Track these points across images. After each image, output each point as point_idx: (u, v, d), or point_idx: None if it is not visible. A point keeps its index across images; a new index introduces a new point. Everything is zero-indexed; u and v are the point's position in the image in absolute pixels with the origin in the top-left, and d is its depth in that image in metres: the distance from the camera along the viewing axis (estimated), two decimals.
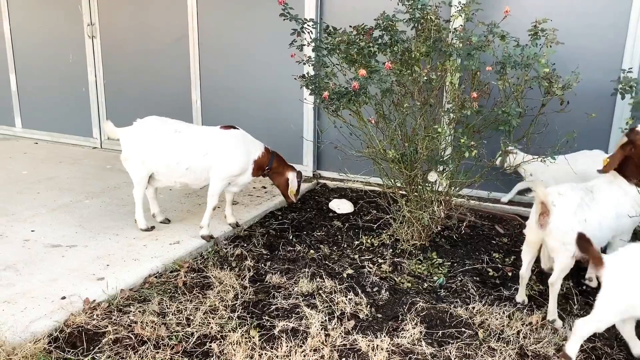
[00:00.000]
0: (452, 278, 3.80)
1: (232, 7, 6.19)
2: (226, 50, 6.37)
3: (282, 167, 4.56)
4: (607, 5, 4.68)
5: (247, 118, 6.30)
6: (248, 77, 6.31)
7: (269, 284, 3.63)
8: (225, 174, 4.24)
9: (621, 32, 4.65)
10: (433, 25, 4.01)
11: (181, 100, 6.72)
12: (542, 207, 3.15)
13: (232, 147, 4.27)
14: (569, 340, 2.76)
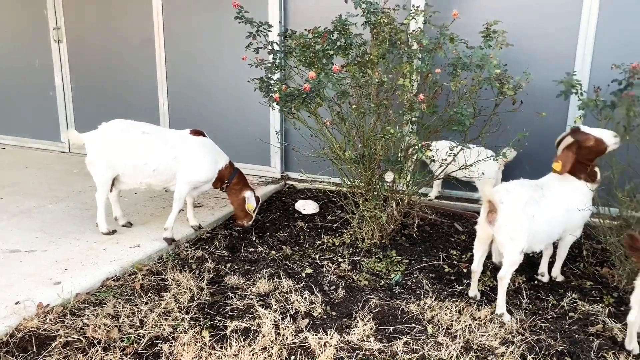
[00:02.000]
0: (408, 275, 3.88)
1: (198, 10, 6.21)
2: (193, 53, 6.39)
3: (241, 186, 4.57)
4: (559, 8, 4.81)
5: (214, 120, 6.33)
6: (215, 80, 6.33)
7: (227, 285, 3.67)
8: (192, 180, 4.29)
9: (573, 34, 4.78)
10: (389, 29, 4.08)
11: (148, 103, 6.72)
12: (490, 205, 3.25)
13: (202, 155, 4.32)
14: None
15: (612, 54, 4.43)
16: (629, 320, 2.94)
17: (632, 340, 2.97)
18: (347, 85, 4.09)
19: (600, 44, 4.71)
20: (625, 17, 4.60)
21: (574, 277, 3.88)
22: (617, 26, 4.63)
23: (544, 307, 3.46)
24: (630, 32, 4.54)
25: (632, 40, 4.17)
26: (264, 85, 3.92)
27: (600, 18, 4.67)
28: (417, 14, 4.20)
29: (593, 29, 4.69)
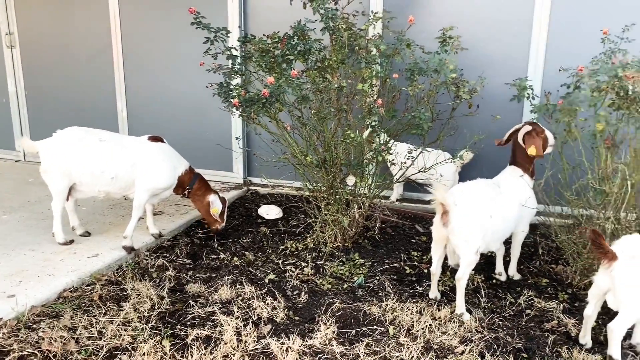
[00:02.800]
0: (371, 277, 3.92)
1: (156, 15, 6.15)
2: (152, 58, 6.31)
3: (204, 190, 4.55)
4: (512, 15, 4.96)
5: (175, 126, 6.26)
6: (175, 85, 6.26)
7: (189, 293, 3.62)
8: (151, 186, 4.24)
9: (525, 40, 4.94)
10: (348, 34, 4.13)
11: (106, 110, 6.59)
12: (443, 207, 3.31)
13: (160, 161, 4.27)
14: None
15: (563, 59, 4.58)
16: (585, 314, 3.04)
17: (586, 334, 3.07)
18: (308, 90, 4.11)
19: (551, 50, 4.87)
20: (575, 23, 4.78)
21: (531, 275, 3.99)
22: (567, 32, 4.81)
23: (502, 305, 3.54)
24: (580, 38, 4.70)
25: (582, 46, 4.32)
26: (223, 91, 3.90)
27: (551, 25, 4.83)
28: (375, 20, 4.26)
29: (545, 35, 4.85)
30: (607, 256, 2.81)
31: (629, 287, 2.76)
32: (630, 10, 4.55)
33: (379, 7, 5.12)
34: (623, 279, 2.76)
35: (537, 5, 4.83)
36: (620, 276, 2.77)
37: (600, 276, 2.89)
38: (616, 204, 3.58)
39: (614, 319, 2.82)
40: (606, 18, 4.53)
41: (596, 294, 2.96)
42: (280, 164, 4.48)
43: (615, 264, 2.78)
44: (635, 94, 3.29)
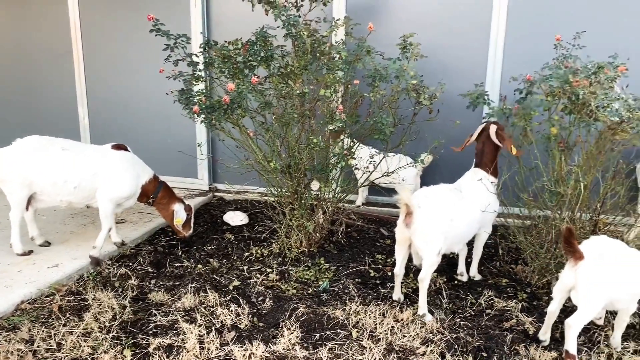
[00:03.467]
0: (336, 282, 3.95)
1: (118, 20, 6.07)
2: (114, 65, 6.22)
3: (168, 199, 4.54)
4: (471, 23, 5.08)
5: (139, 133, 6.19)
6: (139, 92, 6.19)
7: (151, 302, 3.59)
8: (114, 196, 4.20)
9: (483, 46, 5.07)
10: (311, 40, 4.16)
11: (67, 117, 6.48)
12: (407, 209, 3.37)
13: (123, 170, 4.24)
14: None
15: (520, 64, 4.72)
16: (549, 310, 3.12)
17: (547, 331, 3.16)
18: (270, 96, 4.13)
19: (508, 56, 5.01)
20: (531, 30, 4.92)
21: (491, 276, 4.08)
22: (524, 38, 4.95)
23: (463, 306, 3.62)
24: (536, 44, 4.83)
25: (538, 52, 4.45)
26: (184, 97, 3.89)
27: (508, 31, 4.97)
28: (337, 26, 4.30)
29: (502, 41, 4.99)
30: (575, 255, 2.90)
31: (591, 285, 2.86)
32: (581, 18, 4.72)
33: (341, 14, 5.18)
34: (586, 277, 2.86)
35: (495, 12, 4.96)
36: (584, 275, 2.87)
37: (566, 273, 2.98)
38: (571, 204, 3.70)
39: (571, 315, 2.91)
40: (559, 25, 4.68)
41: (561, 290, 3.05)
42: (244, 170, 4.48)
43: (581, 263, 2.88)
44: (585, 98, 3.41)
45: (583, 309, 2.89)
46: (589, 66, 3.62)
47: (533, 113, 3.78)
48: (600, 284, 2.85)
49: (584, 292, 2.89)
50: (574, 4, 4.82)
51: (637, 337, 3.25)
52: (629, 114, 3.36)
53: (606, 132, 3.55)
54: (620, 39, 4.69)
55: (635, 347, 3.14)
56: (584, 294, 2.89)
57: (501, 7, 4.94)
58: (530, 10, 4.92)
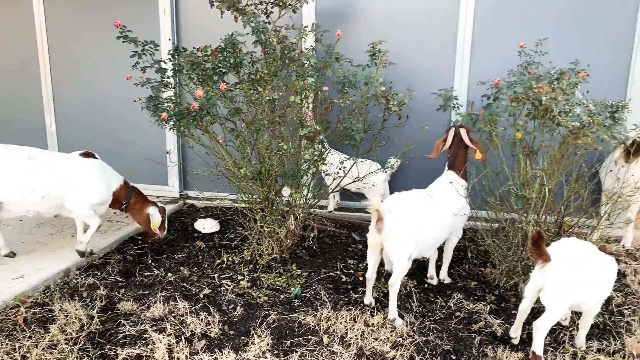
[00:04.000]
0: (308, 287, 3.95)
1: (86, 25, 5.98)
2: (82, 71, 6.12)
3: (142, 203, 4.52)
4: (438, 29, 5.17)
5: (108, 140, 6.10)
6: (107, 98, 6.10)
7: (120, 311, 3.53)
8: (85, 205, 4.16)
9: (451, 53, 5.16)
10: (281, 47, 4.17)
11: (34, 125, 6.34)
12: (378, 214, 3.40)
13: (93, 177, 4.20)
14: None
15: (486, 70, 4.82)
16: (520, 309, 3.18)
17: (518, 328, 3.22)
18: (240, 103, 4.12)
19: (475, 62, 5.11)
20: (497, 37, 5.03)
21: (460, 279, 4.14)
22: (490, 45, 5.06)
23: (433, 309, 3.66)
24: (501, 51, 4.94)
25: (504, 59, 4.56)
26: (152, 105, 3.85)
27: (474, 38, 5.08)
28: (306, 33, 4.33)
29: (469, 48, 5.09)
30: (542, 257, 2.97)
31: (558, 286, 2.93)
32: (544, 26, 4.85)
33: (311, 21, 5.21)
34: (554, 279, 2.93)
35: (461, 19, 5.06)
36: (552, 276, 2.94)
37: (536, 274, 3.04)
38: (536, 208, 3.79)
39: (540, 317, 2.97)
40: (524, 33, 4.79)
41: (531, 290, 3.11)
42: (215, 177, 4.46)
43: (548, 265, 2.95)
44: (547, 104, 3.50)
45: (550, 310, 2.95)
46: (552, 72, 3.72)
47: (498, 118, 3.86)
48: (567, 286, 2.92)
49: (551, 294, 2.95)
50: (538, 12, 4.95)
51: (601, 337, 3.33)
52: (590, 118, 3.46)
53: (568, 136, 3.65)
54: (581, 46, 4.84)
55: (598, 346, 3.22)
56: (551, 295, 2.96)
57: (467, 16, 5.04)
58: (495, 17, 5.03)
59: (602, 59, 4.82)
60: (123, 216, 5.40)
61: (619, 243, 4.85)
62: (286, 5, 4.49)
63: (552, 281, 2.94)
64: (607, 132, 3.49)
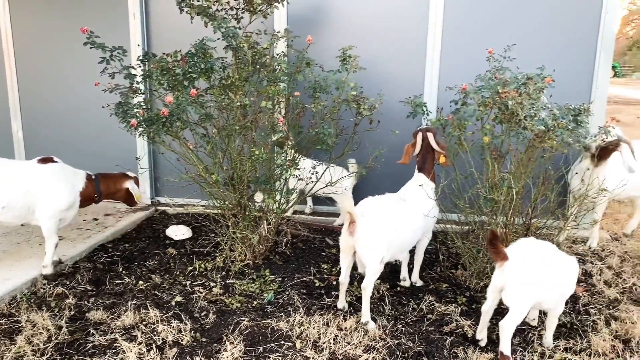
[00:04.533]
0: (281, 293, 3.94)
1: (53, 31, 5.89)
2: (49, 76, 6.02)
3: (115, 183, 4.51)
4: (408, 34, 5.24)
5: (77, 147, 6.01)
6: (76, 104, 6.01)
7: (90, 321, 3.47)
8: (53, 212, 4.07)
9: (420, 58, 5.23)
10: (252, 52, 4.17)
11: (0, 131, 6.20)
12: (350, 217, 3.42)
13: (55, 183, 4.09)
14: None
15: (456, 76, 4.89)
16: (483, 310, 3.24)
17: (483, 329, 3.27)
18: (211, 108, 4.11)
19: (445, 67, 5.19)
20: (466, 42, 5.13)
21: (432, 281, 4.19)
22: (459, 51, 5.14)
23: (405, 312, 3.69)
24: (470, 56, 5.04)
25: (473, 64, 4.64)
26: (121, 111, 3.81)
27: (444, 44, 5.16)
28: (277, 38, 4.34)
29: (438, 54, 5.17)
30: (500, 256, 3.03)
31: (518, 286, 2.99)
32: (512, 32, 4.96)
33: (282, 26, 5.22)
34: (513, 278, 2.99)
35: (431, 26, 5.14)
36: (511, 276, 3.00)
37: (496, 275, 3.10)
38: (504, 210, 3.86)
39: (505, 317, 3.03)
40: (492, 38, 4.89)
41: (493, 290, 3.17)
42: (186, 183, 4.42)
43: (507, 264, 3.01)
44: (513, 108, 3.57)
45: (513, 310, 3.01)
46: (519, 77, 3.80)
47: (467, 123, 3.92)
48: (526, 285, 2.99)
49: (512, 293, 3.02)
50: (506, 18, 5.06)
51: (568, 336, 3.41)
52: (555, 122, 3.55)
53: (535, 140, 3.73)
54: (547, 52, 4.96)
55: (565, 345, 3.29)
56: (512, 294, 3.02)
57: (437, 22, 5.12)
58: (464, 23, 5.12)
59: (567, 64, 4.95)
60: (94, 223, 5.32)
61: (585, 244, 4.97)
62: (257, 11, 4.50)
63: (511, 281, 3.00)
64: (571, 135, 3.59)
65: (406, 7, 5.20)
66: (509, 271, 3.01)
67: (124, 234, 5.15)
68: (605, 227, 5.57)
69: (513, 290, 3.01)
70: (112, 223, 5.31)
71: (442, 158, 3.91)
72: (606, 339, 3.32)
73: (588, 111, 3.79)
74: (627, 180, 4.44)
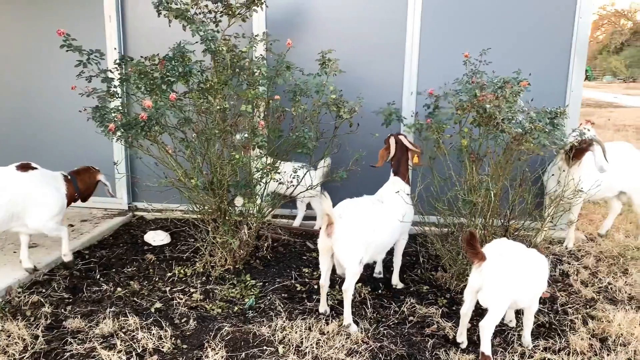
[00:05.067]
0: (262, 298, 3.92)
1: (27, 33, 5.76)
2: (23, 80, 5.88)
3: (89, 177, 4.53)
4: (387, 38, 5.27)
5: (51, 152, 5.88)
6: (51, 108, 5.88)
7: (67, 329, 3.40)
8: (49, 217, 4.07)
9: (399, 62, 5.27)
10: (231, 56, 4.14)
11: None
12: (329, 219, 3.42)
13: (41, 190, 4.04)
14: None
15: (434, 79, 4.95)
16: (461, 313, 3.27)
17: (462, 333, 3.30)
18: (190, 112, 4.07)
19: (423, 71, 5.23)
20: (443, 46, 5.17)
21: (413, 283, 4.21)
22: (436, 54, 5.19)
23: (387, 315, 3.70)
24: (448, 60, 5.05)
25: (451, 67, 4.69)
26: (98, 115, 3.75)
27: (422, 47, 5.20)
28: (256, 42, 4.32)
29: (416, 57, 5.21)
30: (478, 257, 3.06)
31: (496, 285, 3.02)
32: (488, 36, 5.03)
33: (261, 29, 5.21)
34: (491, 278, 3.03)
35: (409, 29, 5.18)
36: (489, 275, 3.03)
37: (473, 276, 3.14)
38: (483, 212, 3.91)
39: (484, 317, 3.06)
40: (469, 42, 4.93)
41: (470, 292, 3.21)
42: (164, 188, 4.37)
43: (484, 264, 3.04)
44: (491, 112, 3.62)
45: (492, 309, 3.05)
46: (495, 81, 3.86)
47: (445, 126, 3.97)
48: (504, 284, 3.03)
49: (489, 293, 3.05)
50: (482, 23, 5.13)
51: (547, 336, 3.46)
52: (531, 125, 3.61)
53: (512, 142, 3.79)
54: (523, 56, 5.04)
55: (545, 344, 3.34)
56: (490, 294, 3.05)
57: (415, 26, 5.16)
58: (441, 28, 5.17)
59: (542, 68, 5.03)
60: (70, 230, 5.21)
61: (561, 244, 5.06)
62: (235, 14, 4.48)
63: (489, 280, 3.04)
64: (548, 137, 3.65)
65: (385, 12, 5.23)
66: (487, 271, 3.05)
67: (100, 240, 5.06)
68: (580, 227, 5.68)
69: (490, 290, 3.05)
70: (89, 229, 5.22)
71: (416, 158, 3.97)
72: (584, 337, 3.39)
73: (564, 114, 3.86)
74: (601, 181, 4.54)
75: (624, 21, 54.81)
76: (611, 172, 4.72)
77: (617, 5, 73.12)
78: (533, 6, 5.09)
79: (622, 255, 4.85)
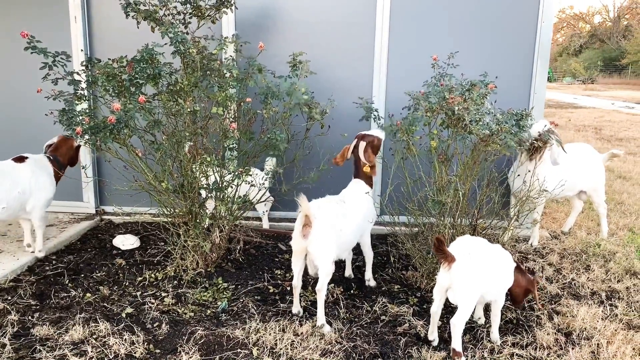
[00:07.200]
0: (235, 300, 3.91)
1: None
2: None
3: (67, 149, 4.75)
4: (357, 41, 5.32)
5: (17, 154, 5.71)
6: (15, 110, 5.72)
7: (35, 337, 3.33)
8: (45, 202, 4.47)
9: (368, 65, 5.33)
10: (200, 57, 4.12)
11: None
12: (306, 220, 3.44)
13: (39, 177, 4.41)
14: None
15: (403, 82, 5.03)
16: (431, 311, 3.33)
17: (433, 331, 3.37)
18: (160, 114, 4.03)
19: (392, 73, 5.31)
20: (411, 49, 5.26)
21: (384, 283, 4.27)
22: (405, 58, 5.27)
23: (360, 314, 3.75)
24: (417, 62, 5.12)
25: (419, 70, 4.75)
26: (65, 118, 3.67)
27: (390, 51, 5.27)
28: (226, 44, 4.31)
29: (385, 60, 5.28)
30: (448, 259, 3.13)
31: (465, 282, 3.10)
32: (455, 40, 5.14)
33: (231, 31, 5.19)
34: (460, 276, 3.10)
35: (377, 32, 5.24)
36: (458, 274, 3.11)
37: (442, 275, 3.21)
38: (452, 211, 4.00)
39: (454, 315, 3.13)
40: (437, 45, 5.04)
41: (439, 291, 3.27)
42: (134, 192, 4.31)
43: (454, 265, 3.12)
44: (459, 114, 3.71)
45: (462, 307, 3.13)
46: (463, 84, 3.95)
47: (414, 128, 4.04)
48: (472, 280, 3.12)
49: (459, 290, 3.13)
50: (449, 26, 5.24)
51: (515, 331, 3.56)
52: (498, 126, 3.71)
53: (479, 144, 3.89)
54: (489, 59, 5.16)
55: (513, 340, 3.43)
56: (459, 291, 3.13)
57: (383, 29, 5.22)
58: (409, 31, 5.25)
59: (507, 71, 5.16)
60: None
61: (527, 242, 5.21)
62: (205, 16, 4.45)
63: (458, 279, 3.12)
64: (514, 138, 3.76)
65: (354, 14, 5.28)
66: (456, 271, 3.12)
67: (68, 245, 4.96)
68: (544, 225, 5.85)
69: (461, 287, 3.12)
70: (55, 234, 5.11)
71: (367, 168, 4.03)
72: (550, 332, 3.50)
73: (530, 115, 3.98)
74: (565, 181, 4.69)
75: (582, 24, 56.54)
76: (572, 172, 4.88)
77: (575, 8, 75.39)
78: (499, 11, 5.22)
79: (585, 252, 5.02)
